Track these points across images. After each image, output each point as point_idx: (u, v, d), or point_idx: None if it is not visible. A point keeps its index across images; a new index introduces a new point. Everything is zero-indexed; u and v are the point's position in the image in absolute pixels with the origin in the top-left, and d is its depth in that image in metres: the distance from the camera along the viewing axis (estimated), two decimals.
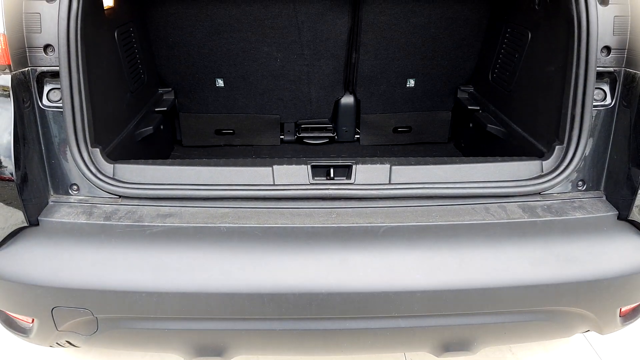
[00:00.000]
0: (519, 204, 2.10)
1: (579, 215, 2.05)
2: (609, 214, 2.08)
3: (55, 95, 2.04)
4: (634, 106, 2.05)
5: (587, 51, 2.07)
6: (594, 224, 2.04)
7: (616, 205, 2.10)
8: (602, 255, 1.97)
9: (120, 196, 2.07)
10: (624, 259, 1.98)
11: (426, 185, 2.10)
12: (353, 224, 1.97)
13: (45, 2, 1.98)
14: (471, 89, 3.40)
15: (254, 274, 1.87)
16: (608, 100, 2.15)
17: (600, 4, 2.08)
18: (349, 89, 3.49)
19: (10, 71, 1.93)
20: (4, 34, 1.91)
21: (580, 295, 1.97)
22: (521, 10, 2.73)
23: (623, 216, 2.07)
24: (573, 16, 2.10)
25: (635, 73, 2.07)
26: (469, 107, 3.26)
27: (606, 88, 2.16)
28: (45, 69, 2.02)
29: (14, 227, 1.96)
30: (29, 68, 2.01)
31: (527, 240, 1.97)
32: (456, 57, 3.28)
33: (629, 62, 2.10)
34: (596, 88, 2.13)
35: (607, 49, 2.10)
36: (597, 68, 2.09)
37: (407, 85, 3.41)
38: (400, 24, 3.10)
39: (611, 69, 2.13)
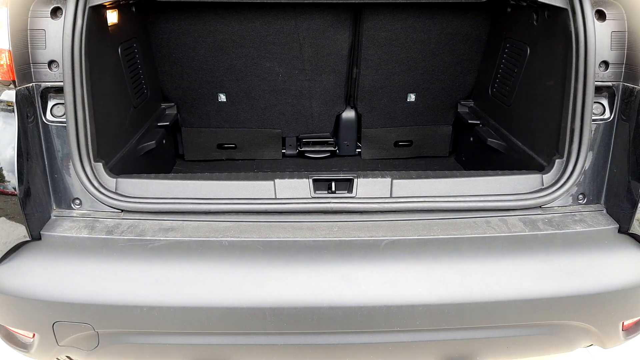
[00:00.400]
0: (520, 217, 2.10)
1: (579, 228, 2.06)
2: (609, 227, 2.08)
3: (59, 111, 2.07)
4: (633, 120, 2.07)
5: (586, 66, 2.09)
6: (595, 237, 2.04)
7: (617, 219, 2.11)
8: (604, 269, 1.97)
9: (122, 210, 2.08)
10: (625, 272, 1.98)
11: (427, 199, 2.11)
12: (355, 237, 1.98)
13: (50, 19, 2.02)
14: (471, 104, 3.42)
15: (256, 288, 1.87)
16: (607, 114, 2.17)
17: (598, 19, 2.10)
18: (350, 103, 3.52)
19: (15, 86, 1.96)
20: (10, 50, 1.94)
21: (583, 309, 1.96)
22: (520, 26, 2.76)
23: (624, 229, 2.07)
24: (571, 31, 2.13)
25: (633, 87, 2.09)
26: (469, 121, 3.28)
27: (605, 102, 2.17)
28: (49, 84, 2.04)
29: (16, 242, 1.96)
30: (33, 83, 2.03)
31: (529, 253, 1.97)
32: (456, 72, 3.31)
33: (627, 77, 2.12)
34: (595, 102, 2.14)
35: (605, 63, 2.12)
36: (596, 82, 2.11)
37: (408, 100, 3.43)
38: (401, 39, 3.13)
39: (609, 84, 2.14)
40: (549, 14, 2.39)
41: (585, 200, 2.18)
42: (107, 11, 2.41)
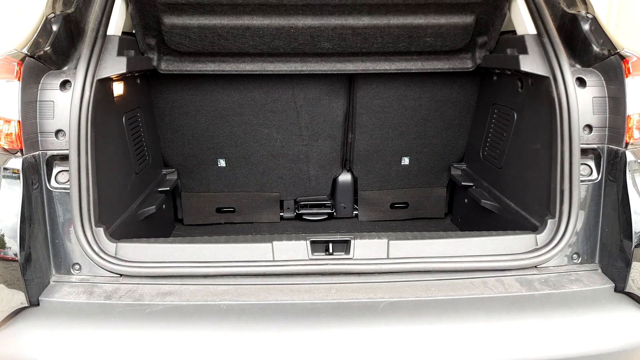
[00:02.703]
0: (516, 277, 2.12)
1: (576, 288, 2.07)
2: (605, 286, 2.09)
3: (63, 177, 2.12)
4: (620, 180, 2.13)
5: (570, 129, 2.18)
6: (591, 297, 2.05)
7: (612, 278, 2.12)
8: (603, 329, 1.96)
9: (121, 275, 2.09)
10: (625, 332, 1.97)
11: (424, 260, 2.13)
12: (353, 299, 1.98)
13: (59, 91, 2.11)
14: (464, 166, 3.51)
15: (253, 353, 1.85)
16: (594, 175, 2.24)
17: (579, 86, 2.22)
18: (346, 167, 3.61)
19: (22, 155, 2.02)
20: (19, 120, 2.02)
21: None
22: (506, 93, 2.88)
23: (619, 288, 2.08)
24: (554, 98, 2.24)
25: (617, 149, 2.17)
26: (463, 184, 3.35)
27: (592, 164, 2.25)
28: (55, 152, 2.11)
29: (14, 308, 1.96)
30: (40, 152, 2.10)
31: (527, 314, 1.97)
32: (447, 136, 3.42)
33: (611, 139, 2.21)
34: (582, 164, 2.22)
35: (589, 127, 2.22)
36: (581, 145, 2.20)
37: (402, 163, 3.52)
38: (393, 106, 3.26)
39: (595, 146, 2.23)
40: (532, 82, 2.52)
41: (579, 259, 2.21)
42: (114, 83, 2.52)
